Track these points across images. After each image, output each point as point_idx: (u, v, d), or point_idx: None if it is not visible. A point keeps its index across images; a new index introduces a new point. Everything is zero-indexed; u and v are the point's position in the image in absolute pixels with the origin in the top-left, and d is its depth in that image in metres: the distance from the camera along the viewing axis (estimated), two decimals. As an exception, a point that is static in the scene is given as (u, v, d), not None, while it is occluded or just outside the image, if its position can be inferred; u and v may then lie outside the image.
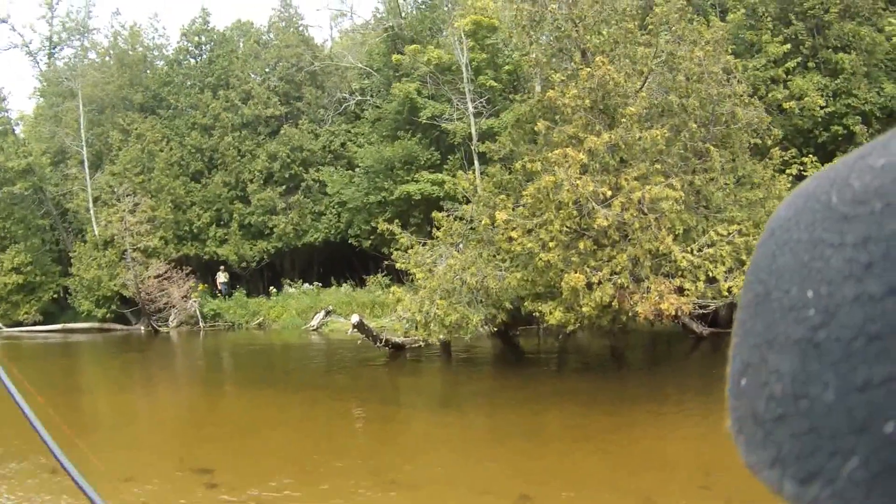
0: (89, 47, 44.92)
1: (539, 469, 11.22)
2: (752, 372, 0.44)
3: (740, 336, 0.47)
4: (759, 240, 0.48)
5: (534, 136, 20.37)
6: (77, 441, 13.78)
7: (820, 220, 0.42)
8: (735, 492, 9.23)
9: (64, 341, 33.90)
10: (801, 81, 24.57)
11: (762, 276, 0.46)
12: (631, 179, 16.97)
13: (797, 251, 0.43)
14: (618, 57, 19.21)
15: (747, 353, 0.45)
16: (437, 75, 30.93)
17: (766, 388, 0.43)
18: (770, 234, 0.47)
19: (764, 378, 0.43)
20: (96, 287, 34.90)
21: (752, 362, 0.45)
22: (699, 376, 18.68)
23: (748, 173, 20.57)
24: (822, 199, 0.43)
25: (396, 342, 22.22)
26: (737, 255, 17.34)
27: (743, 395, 0.45)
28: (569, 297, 16.84)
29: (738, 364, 0.46)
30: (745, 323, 0.46)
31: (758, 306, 0.45)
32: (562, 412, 15.24)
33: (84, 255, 35.71)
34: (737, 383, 0.46)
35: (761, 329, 0.44)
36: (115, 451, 13.39)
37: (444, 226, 20.31)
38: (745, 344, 0.46)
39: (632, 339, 23.02)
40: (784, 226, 0.45)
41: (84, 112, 38.58)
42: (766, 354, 0.43)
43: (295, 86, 39.08)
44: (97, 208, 36.66)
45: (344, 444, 13.62)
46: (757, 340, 0.44)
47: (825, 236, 0.41)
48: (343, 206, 35.12)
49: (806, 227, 0.43)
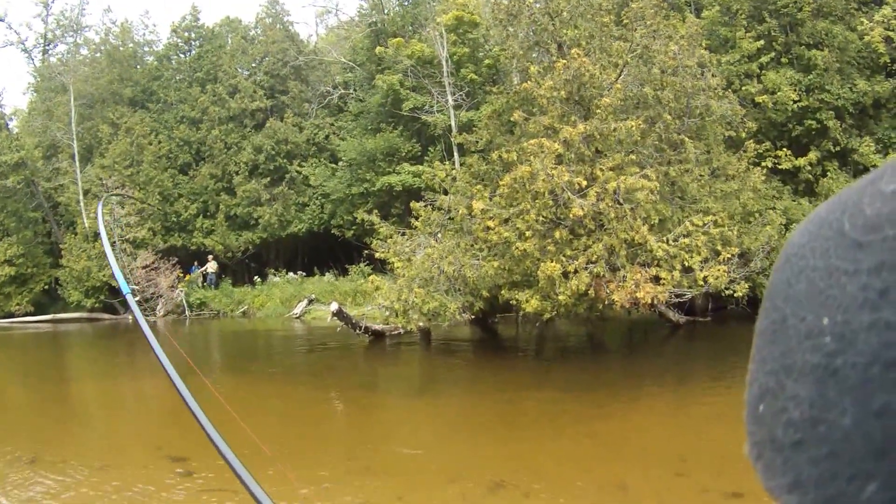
0: (82, 44, 45.09)
1: (514, 455, 11.02)
2: (770, 398, 0.45)
3: (757, 362, 0.48)
4: (774, 266, 0.50)
5: (511, 126, 20.62)
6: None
7: (834, 248, 0.43)
8: (710, 479, 9.31)
9: (54, 331, 33.97)
10: (774, 76, 24.88)
11: (778, 302, 0.47)
12: (606, 170, 17.08)
13: (812, 278, 0.44)
14: (593, 50, 19.46)
15: (765, 379, 0.46)
16: (419, 69, 31.33)
17: (784, 413, 0.44)
18: (785, 261, 0.47)
19: (782, 404, 0.44)
20: (86, 278, 35.00)
21: (769, 388, 0.46)
22: (675, 364, 18.88)
23: (723, 165, 20.88)
24: (835, 225, 0.44)
25: (376, 329, 22.39)
26: (712, 244, 17.48)
27: (761, 421, 0.46)
28: (545, 286, 16.92)
29: (756, 390, 0.47)
30: (763, 349, 0.47)
31: (775, 333, 0.46)
32: (538, 399, 15.16)
33: (74, 247, 35.78)
34: (755, 409, 0.47)
35: (778, 355, 0.45)
36: (95, 439, 13.46)
37: (422, 216, 20.53)
38: (763, 370, 0.47)
39: (609, 327, 23.21)
40: (799, 253, 0.46)
41: (75, 106, 38.68)
42: (783, 380, 0.44)
43: (280, 80, 39.52)
44: (87, 201, 36.82)
45: (321, 431, 13.53)
46: (774, 366, 0.45)
47: (839, 264, 0.42)
48: (326, 198, 35.72)
49: (821, 255, 0.44)
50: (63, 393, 19.04)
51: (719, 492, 8.91)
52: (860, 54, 25.63)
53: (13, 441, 12.91)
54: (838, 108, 24.92)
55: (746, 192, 20.57)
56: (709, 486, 9.15)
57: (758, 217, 21.21)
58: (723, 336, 21.74)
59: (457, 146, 27.28)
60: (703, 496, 8.89)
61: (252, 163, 37.63)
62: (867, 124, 25.80)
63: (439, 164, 22.94)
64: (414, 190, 28.78)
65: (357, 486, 9.81)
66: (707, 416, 12.85)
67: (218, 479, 10.18)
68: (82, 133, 39.37)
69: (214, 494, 9.51)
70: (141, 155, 38.11)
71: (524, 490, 9.33)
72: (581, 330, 22.71)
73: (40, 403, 17.66)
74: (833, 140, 24.79)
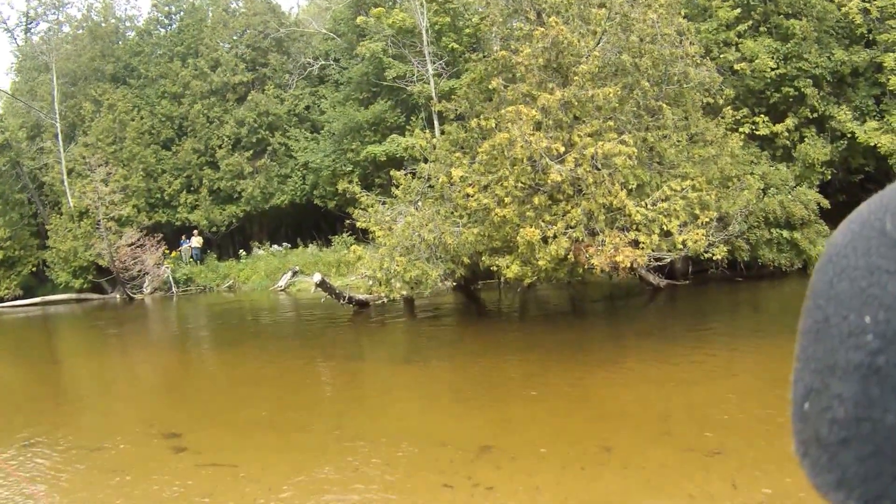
0: (63, 21, 44.75)
1: (500, 419, 11.13)
2: (815, 396, 0.45)
3: (802, 361, 0.48)
4: (816, 266, 0.50)
5: (490, 94, 20.67)
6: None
7: (875, 247, 0.43)
8: (693, 438, 9.43)
9: (43, 313, 33.97)
10: (752, 44, 24.99)
11: (821, 302, 0.47)
12: (584, 136, 17.08)
13: (854, 278, 0.44)
14: (572, 18, 19.52)
15: (809, 378, 0.47)
16: (399, 39, 31.34)
17: (828, 412, 0.44)
18: (828, 261, 0.48)
19: (826, 402, 0.44)
20: (72, 258, 35.05)
21: (814, 387, 0.46)
22: (657, 326, 19.00)
23: (701, 131, 21.00)
24: (877, 225, 0.44)
25: (360, 299, 22.55)
26: (690, 209, 17.62)
27: (807, 419, 0.46)
28: (525, 251, 16.97)
29: (801, 388, 0.47)
30: (807, 348, 0.48)
31: (818, 332, 0.46)
32: (522, 363, 15.25)
33: (60, 227, 35.79)
34: (800, 407, 0.47)
35: (822, 354, 0.45)
36: (87, 418, 13.47)
37: (402, 184, 20.64)
38: (807, 369, 0.47)
39: (590, 291, 23.42)
40: (841, 252, 0.46)
41: (58, 85, 38.51)
42: (827, 379, 0.44)
43: (261, 52, 39.42)
44: (71, 180, 36.72)
45: (309, 402, 13.57)
46: (818, 365, 0.46)
47: (881, 263, 0.42)
48: (308, 168, 35.81)
49: (862, 254, 0.44)
50: (54, 373, 19.05)
51: (702, 450, 9.02)
52: (838, 24, 25.72)
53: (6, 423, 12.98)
54: (816, 76, 25.05)
55: (724, 158, 20.72)
56: (692, 445, 9.26)
57: (736, 182, 21.40)
58: (703, 298, 22.01)
59: (437, 115, 27.35)
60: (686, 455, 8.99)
61: (235, 136, 37.69)
62: (845, 92, 25.97)
63: (420, 132, 23.00)
64: (397, 160, 28.92)
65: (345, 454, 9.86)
66: (689, 377, 12.96)
67: (212, 454, 10.22)
68: (65, 111, 39.21)
69: (209, 469, 9.56)
70: (124, 132, 38.03)
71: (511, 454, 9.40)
72: (563, 294, 22.91)
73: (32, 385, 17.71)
74: (810, 107, 24.98)
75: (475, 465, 9.11)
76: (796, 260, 23.33)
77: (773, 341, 13.43)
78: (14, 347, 24.65)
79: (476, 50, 28.37)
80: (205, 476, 9.35)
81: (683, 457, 8.97)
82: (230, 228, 38.77)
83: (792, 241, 23.16)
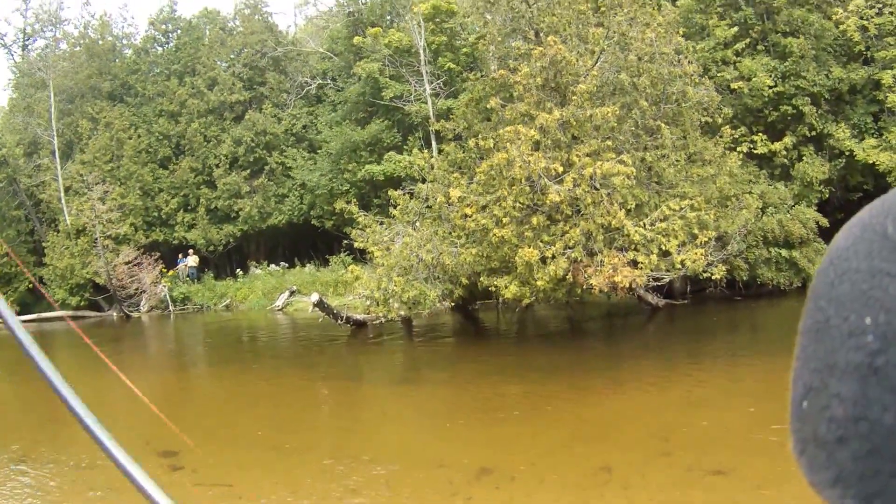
0: (61, 38, 44.79)
1: (499, 440, 11.06)
2: (814, 395, 0.46)
3: (801, 360, 0.48)
4: (818, 268, 0.50)
5: (488, 114, 20.67)
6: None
7: (877, 250, 0.44)
8: (694, 458, 9.36)
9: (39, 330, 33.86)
10: (749, 63, 25.05)
11: (822, 303, 0.47)
12: (582, 156, 17.11)
13: (856, 280, 0.45)
14: (570, 37, 19.54)
15: (808, 377, 0.47)
16: (397, 58, 31.42)
17: (827, 410, 0.44)
18: (829, 263, 0.48)
19: (825, 401, 0.45)
20: (69, 275, 34.89)
21: (813, 386, 0.46)
22: (655, 346, 18.94)
23: (699, 150, 21.00)
24: (878, 229, 0.45)
25: (358, 319, 22.43)
26: (689, 229, 17.64)
27: (805, 418, 0.47)
28: (523, 272, 16.96)
29: (800, 388, 0.48)
30: (806, 348, 0.48)
31: (818, 332, 0.47)
32: (521, 384, 15.12)
33: (57, 245, 35.68)
34: (798, 406, 0.48)
35: (822, 354, 0.46)
36: (83, 436, 13.53)
37: (400, 204, 20.59)
38: (806, 368, 0.48)
39: (589, 311, 23.31)
40: (842, 255, 0.47)
41: (55, 102, 38.47)
42: (826, 379, 0.45)
43: (259, 71, 39.41)
44: (68, 198, 36.64)
45: (306, 422, 13.53)
46: (818, 365, 0.46)
47: (883, 265, 0.43)
48: (305, 188, 35.75)
49: (864, 257, 0.45)
50: (50, 391, 18.93)
51: (703, 470, 8.96)
52: (836, 42, 25.85)
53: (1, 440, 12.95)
54: (814, 94, 25.10)
55: (723, 177, 20.74)
56: (692, 464, 9.20)
57: (734, 201, 21.39)
58: (702, 318, 21.91)
59: (434, 134, 27.34)
60: (687, 475, 8.92)
61: (232, 155, 37.56)
62: (843, 110, 26.02)
63: (418, 152, 22.97)
64: (395, 179, 28.86)
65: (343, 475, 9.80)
66: (688, 396, 12.95)
67: (209, 473, 10.19)
68: (62, 129, 39.15)
69: (207, 489, 9.50)
70: (121, 150, 37.96)
71: (510, 474, 9.34)
72: (561, 314, 22.81)
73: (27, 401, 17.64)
74: (808, 125, 25.01)
75: (474, 487, 9.04)
76: (795, 279, 23.28)
77: (772, 360, 13.31)
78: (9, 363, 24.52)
79: (473, 69, 28.41)
80: (201, 495, 9.29)
81: (684, 477, 8.91)
82: (227, 248, 38.59)
83: (791, 260, 23.13)
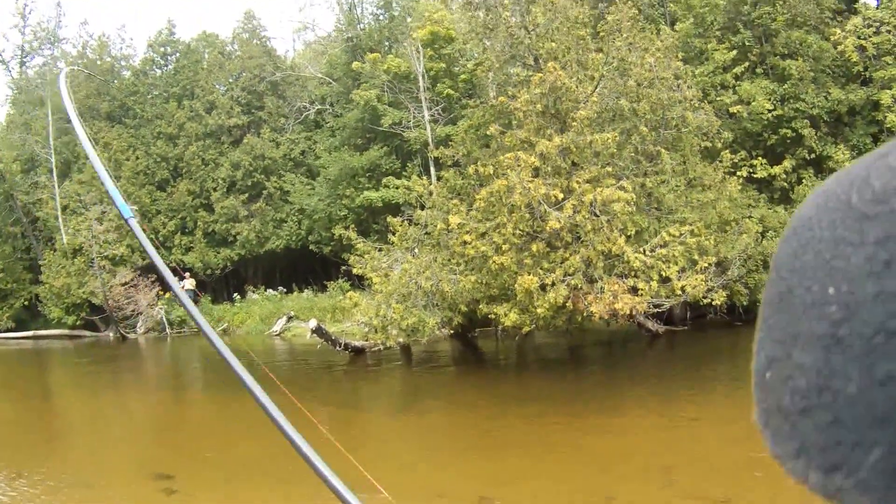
0: (59, 56, 44.95)
1: (499, 470, 11.06)
2: (777, 366, 0.46)
3: (764, 331, 0.49)
4: (781, 238, 0.50)
5: (487, 140, 20.66)
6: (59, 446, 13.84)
7: (841, 219, 0.44)
8: (697, 487, 9.33)
9: (35, 348, 33.91)
10: (749, 86, 25.04)
11: (784, 273, 0.48)
12: (582, 182, 17.10)
13: (819, 249, 0.45)
14: (570, 63, 19.52)
15: (771, 348, 0.47)
16: (395, 84, 31.46)
17: (790, 381, 0.45)
18: (792, 233, 0.48)
19: (788, 372, 0.45)
20: (66, 295, 34.83)
21: (776, 357, 0.47)
22: (656, 374, 18.86)
23: (699, 175, 20.97)
24: (843, 198, 0.45)
25: (356, 346, 22.30)
26: (689, 255, 17.57)
27: (768, 389, 0.47)
28: (523, 299, 16.92)
29: (763, 358, 0.48)
30: (769, 319, 0.49)
31: (781, 303, 0.47)
32: (521, 413, 15.07)
33: (53, 263, 35.63)
34: (762, 377, 0.48)
35: (785, 325, 0.46)
36: (78, 456, 13.40)
37: (399, 231, 20.52)
38: (769, 339, 0.48)
39: (589, 338, 23.15)
40: (806, 224, 0.47)
41: (53, 120, 38.56)
42: (789, 349, 0.45)
43: (257, 95, 39.41)
44: (65, 216, 36.65)
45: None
46: (781, 335, 0.47)
47: (846, 235, 0.43)
48: (303, 214, 35.76)
49: (827, 226, 0.45)
50: (46, 409, 19.10)
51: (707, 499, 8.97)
52: (834, 63, 25.88)
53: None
54: (813, 116, 25.10)
55: (723, 202, 20.70)
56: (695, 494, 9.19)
57: (734, 226, 21.34)
58: (702, 344, 21.84)
59: (433, 161, 27.32)
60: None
61: (230, 179, 37.53)
62: (842, 132, 26.01)
63: (417, 178, 22.94)
64: (393, 206, 28.84)
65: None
66: (690, 425, 12.93)
67: (204, 496, 10.18)
68: (60, 147, 39.27)
69: None
70: (119, 171, 37.85)
71: (510, 504, 9.16)
72: (560, 342, 22.69)
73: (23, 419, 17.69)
74: (808, 148, 24.97)
75: (475, 517, 8.93)
76: (796, 303, 23.11)
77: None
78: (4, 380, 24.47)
79: (472, 96, 28.44)
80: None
81: (689, 507, 8.85)
82: (225, 271, 38.45)
83: (791, 284, 22.97)
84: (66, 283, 34.68)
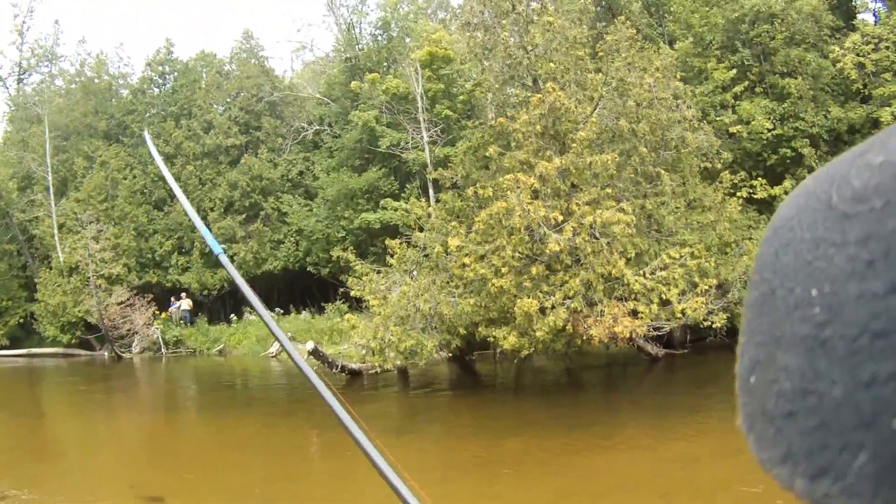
0: (56, 74, 45.02)
1: (497, 494, 11.04)
2: (761, 369, 0.46)
3: (747, 334, 0.48)
4: (762, 238, 0.49)
5: (486, 162, 20.57)
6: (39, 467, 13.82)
7: (821, 220, 0.44)
8: None
9: (29, 366, 33.82)
10: (748, 106, 25.02)
11: (766, 275, 0.47)
12: (582, 204, 17.04)
13: (800, 250, 0.44)
14: (568, 83, 19.46)
15: (755, 351, 0.46)
16: (394, 105, 31.41)
17: (774, 385, 0.44)
18: (773, 234, 0.48)
19: (772, 375, 0.44)
20: (61, 313, 34.80)
21: (760, 360, 0.46)
22: (655, 398, 18.79)
23: (699, 196, 20.89)
24: (823, 197, 0.44)
25: (353, 368, 22.16)
26: (689, 277, 17.50)
27: (752, 393, 0.46)
28: (522, 322, 16.80)
29: (747, 361, 0.47)
30: (752, 321, 0.47)
31: (763, 305, 0.46)
32: (518, 437, 15.02)
33: (49, 282, 35.61)
34: (746, 381, 0.47)
35: (768, 327, 0.45)
36: (68, 477, 13.41)
37: (397, 253, 20.38)
38: (753, 342, 0.47)
39: (587, 362, 23.02)
40: (786, 225, 0.46)
41: (49, 138, 38.60)
42: (773, 352, 0.45)
43: (255, 115, 39.37)
44: (62, 235, 36.59)
45: (297, 471, 13.40)
46: (764, 338, 0.46)
47: (827, 235, 0.43)
48: (301, 235, 35.68)
49: (808, 227, 0.45)
50: (37, 428, 19.09)
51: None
52: (833, 81, 25.87)
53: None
54: (813, 135, 25.07)
55: (723, 223, 20.60)
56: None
57: (734, 247, 21.23)
58: (702, 368, 21.64)
59: (432, 183, 27.24)
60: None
61: (227, 199, 37.41)
62: (842, 150, 24.93)
63: (415, 201, 22.86)
64: (391, 227, 28.73)
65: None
66: (689, 450, 12.90)
67: None
68: (57, 165, 39.35)
69: None
70: (116, 189, 37.94)
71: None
72: (559, 365, 22.57)
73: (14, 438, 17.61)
74: (808, 168, 24.84)
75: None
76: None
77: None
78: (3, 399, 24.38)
79: (470, 117, 28.40)
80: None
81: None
82: (222, 292, 38.17)
83: (793, 306, 22.85)
84: (61, 301, 34.65)
